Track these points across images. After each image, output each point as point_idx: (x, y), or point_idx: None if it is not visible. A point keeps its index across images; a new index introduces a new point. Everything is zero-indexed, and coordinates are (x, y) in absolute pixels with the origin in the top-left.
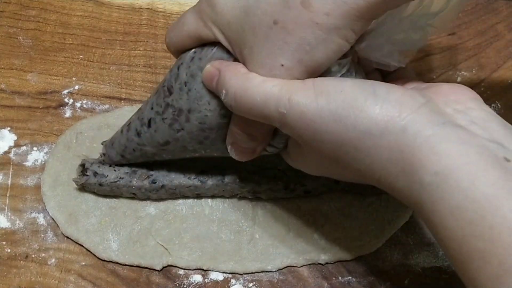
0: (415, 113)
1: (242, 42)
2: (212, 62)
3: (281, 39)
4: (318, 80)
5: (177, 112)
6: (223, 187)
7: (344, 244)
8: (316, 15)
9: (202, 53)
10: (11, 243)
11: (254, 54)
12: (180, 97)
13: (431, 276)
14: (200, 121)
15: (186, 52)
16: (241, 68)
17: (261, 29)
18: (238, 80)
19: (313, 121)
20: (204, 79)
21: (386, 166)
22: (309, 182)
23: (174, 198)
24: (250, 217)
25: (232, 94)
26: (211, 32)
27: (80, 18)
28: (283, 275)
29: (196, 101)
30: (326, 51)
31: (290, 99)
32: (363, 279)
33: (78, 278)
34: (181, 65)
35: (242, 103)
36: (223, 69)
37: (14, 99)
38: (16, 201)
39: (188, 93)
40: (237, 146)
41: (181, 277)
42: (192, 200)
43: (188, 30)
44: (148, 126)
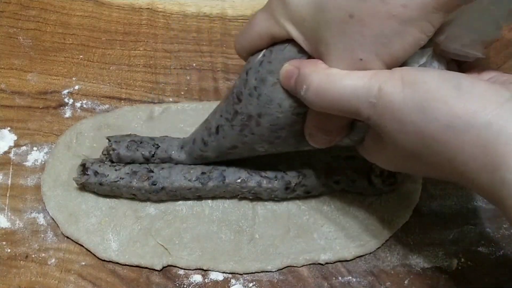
0: (500, 108)
1: (318, 39)
2: (290, 61)
3: (358, 32)
4: (405, 70)
5: (247, 118)
6: (223, 188)
7: (344, 244)
8: (393, 7)
9: (272, 55)
10: (11, 243)
11: (331, 49)
12: (249, 102)
13: (431, 276)
14: (271, 123)
15: (254, 55)
16: (321, 64)
17: (336, 24)
18: (319, 75)
19: (399, 111)
20: (282, 78)
21: (468, 162)
22: (309, 182)
23: (175, 199)
24: (250, 217)
25: (314, 90)
26: (284, 30)
27: (80, 18)
28: (283, 275)
29: (266, 105)
30: (403, 43)
31: (380, 89)
32: (363, 279)
33: (78, 278)
34: (250, 70)
35: (326, 97)
36: (302, 66)
37: (14, 99)
38: (16, 201)
39: (258, 98)
40: (314, 139)
41: (181, 277)
42: (192, 200)
43: (259, 30)
44: (216, 133)
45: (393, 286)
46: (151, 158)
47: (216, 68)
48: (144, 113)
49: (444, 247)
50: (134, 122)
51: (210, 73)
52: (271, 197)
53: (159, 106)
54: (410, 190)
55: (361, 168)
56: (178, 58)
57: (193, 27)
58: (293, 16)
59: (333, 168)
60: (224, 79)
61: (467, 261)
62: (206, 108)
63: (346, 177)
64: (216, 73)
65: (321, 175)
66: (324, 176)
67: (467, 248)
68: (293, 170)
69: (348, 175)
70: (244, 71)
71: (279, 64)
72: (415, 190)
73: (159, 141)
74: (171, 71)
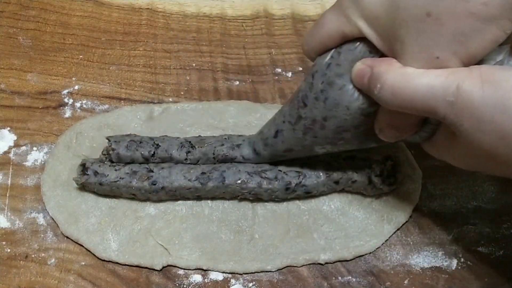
0: None
1: (393, 37)
2: (362, 60)
3: (435, 31)
4: (485, 68)
5: (311, 122)
6: (223, 189)
7: (344, 244)
8: (473, 5)
9: (341, 57)
10: (11, 243)
11: (407, 48)
12: (315, 106)
13: (431, 276)
14: (337, 125)
15: (321, 57)
16: (395, 62)
17: (413, 22)
18: (394, 74)
19: (478, 109)
20: (354, 77)
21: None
22: (309, 182)
23: (175, 199)
24: (250, 217)
25: (389, 89)
26: (356, 28)
27: (80, 18)
28: (283, 275)
29: (334, 109)
30: (482, 41)
31: (458, 87)
32: (363, 279)
33: (78, 278)
34: (316, 73)
35: (401, 96)
36: (375, 65)
37: (14, 99)
38: (16, 201)
39: (325, 101)
40: (384, 135)
41: (181, 277)
42: (192, 200)
43: (328, 29)
44: (275, 137)
45: (393, 286)
46: (151, 158)
47: (215, 68)
48: (144, 113)
49: (444, 247)
50: (134, 122)
51: (209, 73)
52: (271, 198)
53: (159, 106)
54: (410, 190)
55: (361, 168)
56: (178, 58)
57: (193, 27)
58: (366, 14)
59: (333, 168)
60: (223, 79)
61: (467, 261)
62: (206, 108)
63: (346, 177)
64: (215, 73)
65: (321, 175)
66: (324, 177)
67: (467, 248)
68: (293, 171)
69: (348, 175)
70: (309, 74)
71: (349, 66)
72: (415, 190)
73: (159, 141)
74: (171, 71)
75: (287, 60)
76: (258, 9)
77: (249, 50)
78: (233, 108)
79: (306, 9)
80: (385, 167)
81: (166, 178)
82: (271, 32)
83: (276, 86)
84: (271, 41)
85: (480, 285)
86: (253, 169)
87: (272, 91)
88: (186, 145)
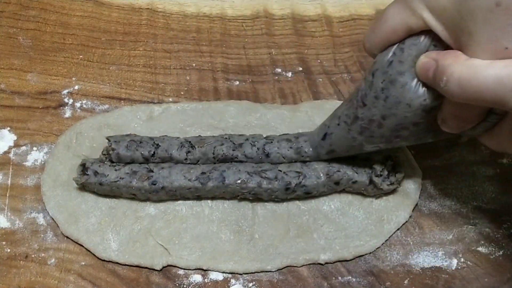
0: None
1: (459, 28)
2: (427, 53)
3: (504, 21)
4: None
5: (368, 122)
6: (223, 189)
7: (344, 244)
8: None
9: (404, 53)
10: (11, 243)
11: (474, 39)
12: (374, 105)
13: (431, 276)
14: (396, 123)
15: (382, 54)
16: (461, 54)
17: (481, 12)
18: (461, 66)
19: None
20: (419, 70)
21: None
22: (309, 182)
23: (175, 199)
24: (250, 217)
25: (455, 81)
26: (421, 20)
27: (80, 18)
28: (283, 275)
29: (394, 107)
30: None
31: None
32: (363, 279)
33: (77, 278)
34: (376, 71)
35: (469, 88)
36: (440, 58)
37: (14, 99)
38: (16, 201)
39: (385, 100)
40: (447, 125)
41: (181, 277)
42: (192, 200)
43: (393, 24)
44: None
45: (393, 286)
46: (151, 158)
47: (216, 68)
48: (144, 113)
49: (444, 247)
50: (134, 122)
51: (210, 73)
52: (271, 198)
53: (159, 106)
54: (410, 190)
55: (362, 169)
56: (178, 58)
57: (193, 27)
58: (432, 5)
59: (334, 168)
60: (223, 79)
61: (467, 261)
62: (206, 108)
63: (346, 178)
64: (216, 73)
65: (321, 176)
66: (324, 177)
67: (467, 248)
68: (293, 171)
69: (349, 176)
70: (369, 73)
71: (412, 62)
72: (415, 190)
73: (159, 141)
74: (171, 71)
75: (287, 60)
76: (258, 9)
77: (249, 50)
78: (233, 108)
79: (306, 9)
80: (385, 167)
81: (166, 178)
82: (271, 32)
83: (276, 86)
84: (271, 41)
85: (480, 285)
86: (253, 169)
87: (272, 91)
88: (186, 145)
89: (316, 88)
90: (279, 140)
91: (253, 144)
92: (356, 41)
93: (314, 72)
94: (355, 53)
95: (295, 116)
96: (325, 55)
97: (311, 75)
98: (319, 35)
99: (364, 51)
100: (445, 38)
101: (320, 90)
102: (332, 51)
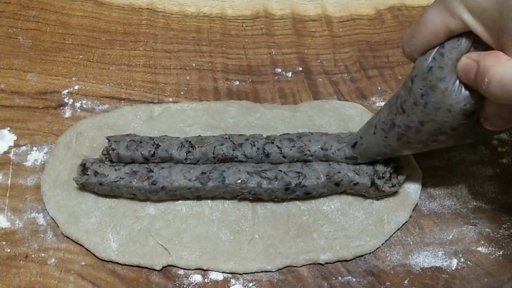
0: None
1: (500, 28)
2: (467, 54)
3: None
4: None
5: (405, 129)
6: (223, 188)
7: (344, 244)
8: None
9: (444, 58)
10: (11, 243)
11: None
12: (413, 112)
13: (431, 276)
14: (435, 128)
15: (421, 60)
16: (502, 55)
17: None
18: (502, 67)
19: None
20: (460, 72)
21: None
22: (309, 183)
23: (175, 199)
24: (250, 217)
25: (497, 83)
26: (461, 22)
27: (80, 18)
28: (283, 275)
29: (433, 113)
30: None
31: None
32: (363, 279)
33: (77, 278)
34: (415, 77)
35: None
36: (481, 59)
37: (14, 99)
38: (16, 201)
39: (424, 106)
40: (489, 123)
41: (181, 277)
42: (192, 200)
43: (433, 27)
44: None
45: (393, 286)
46: (151, 158)
47: (215, 68)
48: (144, 113)
49: (443, 247)
50: (134, 122)
51: (209, 73)
52: (271, 198)
53: (159, 106)
54: (410, 190)
55: (363, 170)
56: (178, 58)
57: (193, 27)
58: (472, 6)
59: (334, 170)
60: (223, 79)
61: (467, 261)
62: (206, 108)
63: (347, 180)
64: (215, 73)
65: (321, 176)
66: (324, 178)
67: (467, 248)
68: (293, 171)
69: (350, 177)
70: (408, 79)
71: (452, 66)
72: (415, 190)
73: (159, 141)
74: (171, 71)
75: (287, 60)
76: (258, 9)
77: (249, 50)
78: (233, 108)
79: (306, 9)
80: (388, 169)
81: (166, 178)
82: (271, 32)
83: (276, 86)
84: (271, 41)
85: (480, 285)
86: (253, 169)
87: (272, 91)
88: (186, 145)
89: (316, 88)
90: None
91: (253, 144)
92: (356, 41)
93: (314, 72)
94: (355, 53)
95: (295, 116)
96: (325, 55)
97: (311, 75)
98: (319, 35)
99: (364, 51)
100: (485, 39)
101: (320, 90)
102: (332, 51)
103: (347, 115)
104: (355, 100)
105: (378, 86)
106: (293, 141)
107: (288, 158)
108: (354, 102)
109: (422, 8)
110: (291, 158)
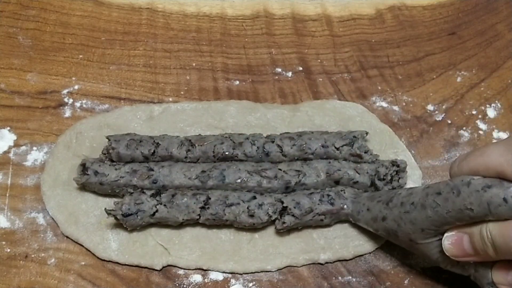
0: None
1: None
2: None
3: None
4: None
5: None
6: (223, 187)
7: (343, 243)
8: None
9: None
10: (10, 243)
11: None
12: None
13: (431, 276)
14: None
15: (458, 180)
16: None
17: None
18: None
19: None
20: None
21: None
22: (309, 181)
23: None
24: None
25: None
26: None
27: (79, 18)
28: (283, 275)
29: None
30: None
31: None
32: (363, 279)
33: (77, 278)
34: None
35: None
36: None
37: (13, 99)
38: (15, 201)
39: None
40: None
41: (181, 277)
42: None
43: (488, 161)
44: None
45: (393, 286)
46: (151, 157)
47: (215, 67)
48: (144, 113)
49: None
50: (134, 122)
51: (209, 72)
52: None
53: (158, 106)
54: None
55: (364, 170)
56: (178, 58)
57: (193, 27)
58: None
59: (334, 167)
60: (223, 78)
61: None
62: (206, 108)
63: (347, 178)
64: (215, 73)
65: (321, 174)
66: (324, 176)
67: None
68: (293, 169)
69: (350, 176)
70: (445, 185)
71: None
72: None
73: (159, 140)
74: (171, 71)
75: (287, 60)
76: (258, 9)
77: (249, 50)
78: (233, 108)
79: (306, 9)
80: (390, 172)
81: (166, 176)
82: (271, 32)
83: (276, 86)
84: (271, 41)
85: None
86: (253, 168)
87: (272, 91)
88: (186, 143)
89: (316, 88)
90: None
91: (253, 143)
92: (356, 41)
93: (314, 72)
94: (355, 53)
95: (295, 116)
96: (325, 54)
97: (311, 75)
98: (319, 34)
99: (365, 51)
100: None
101: (320, 89)
102: (332, 51)
103: (348, 115)
104: (355, 100)
105: (378, 85)
106: (293, 140)
107: (289, 157)
108: (354, 102)
109: (422, 7)
110: (292, 157)
